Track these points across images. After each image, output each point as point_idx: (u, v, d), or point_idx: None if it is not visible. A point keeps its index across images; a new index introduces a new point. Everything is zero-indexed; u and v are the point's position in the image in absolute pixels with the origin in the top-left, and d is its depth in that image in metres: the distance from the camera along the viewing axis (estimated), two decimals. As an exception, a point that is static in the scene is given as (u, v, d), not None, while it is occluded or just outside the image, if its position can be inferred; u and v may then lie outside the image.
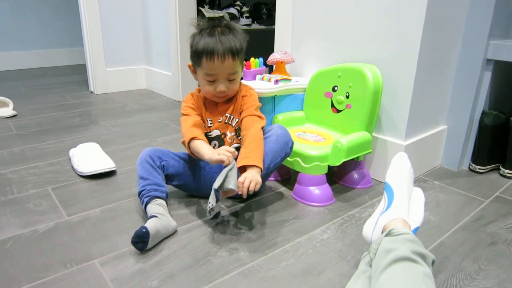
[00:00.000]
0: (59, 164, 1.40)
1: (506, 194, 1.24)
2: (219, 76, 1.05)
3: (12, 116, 1.96)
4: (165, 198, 1.05)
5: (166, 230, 0.96)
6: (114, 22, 2.47)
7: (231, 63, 1.03)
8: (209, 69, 1.04)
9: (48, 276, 0.82)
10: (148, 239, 0.89)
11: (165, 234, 0.96)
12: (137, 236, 0.89)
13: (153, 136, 1.73)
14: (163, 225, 0.95)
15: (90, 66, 2.46)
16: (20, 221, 1.03)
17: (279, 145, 1.07)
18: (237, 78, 1.08)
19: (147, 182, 1.05)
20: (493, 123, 1.34)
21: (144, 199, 1.03)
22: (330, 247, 0.95)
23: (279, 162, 1.09)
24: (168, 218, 0.99)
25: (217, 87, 1.06)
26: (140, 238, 0.89)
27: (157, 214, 0.97)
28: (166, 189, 1.07)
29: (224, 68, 1.03)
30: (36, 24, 3.35)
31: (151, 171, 1.07)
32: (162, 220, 0.96)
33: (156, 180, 1.06)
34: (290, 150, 1.11)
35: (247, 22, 2.66)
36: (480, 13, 1.26)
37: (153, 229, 0.91)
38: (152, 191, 1.03)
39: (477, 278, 0.85)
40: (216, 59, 1.01)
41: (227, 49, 1.01)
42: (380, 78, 1.18)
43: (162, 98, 2.46)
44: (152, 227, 0.91)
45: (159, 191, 1.04)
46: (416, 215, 0.84)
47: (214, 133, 1.14)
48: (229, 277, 0.84)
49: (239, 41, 1.04)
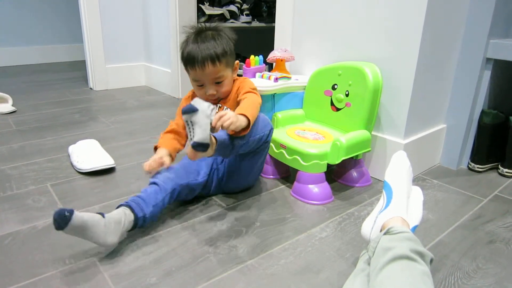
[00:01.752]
0: (58, 160, 1.40)
1: (505, 193, 1.25)
2: (205, 81, 1.09)
3: (12, 112, 1.96)
4: (137, 217, 0.92)
5: (93, 235, 0.83)
6: (114, 19, 2.46)
7: (211, 69, 1.06)
8: (194, 76, 1.10)
9: (47, 272, 0.83)
10: (64, 226, 0.79)
11: (89, 237, 0.83)
12: (58, 214, 0.78)
13: (152, 133, 1.72)
14: (94, 227, 0.83)
15: (90, 63, 2.46)
16: (19, 217, 1.03)
17: (259, 124, 1.04)
18: (224, 81, 1.10)
19: (137, 196, 0.97)
20: (492, 122, 1.34)
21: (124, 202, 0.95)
22: (329, 245, 0.95)
23: (256, 140, 1.04)
24: (110, 230, 0.85)
25: (206, 91, 1.11)
26: (60, 219, 0.78)
27: (105, 215, 0.87)
28: (146, 212, 0.94)
29: (206, 75, 1.07)
30: (36, 20, 3.34)
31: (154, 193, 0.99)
32: (100, 225, 0.84)
33: (148, 199, 0.96)
34: (269, 133, 1.07)
35: (247, 19, 2.65)
36: (480, 12, 1.26)
37: (79, 221, 0.80)
38: (132, 201, 0.95)
39: (475, 277, 0.85)
40: (197, 67, 1.06)
41: (206, 56, 1.04)
42: (380, 76, 1.18)
43: (162, 95, 2.46)
44: (80, 219, 0.80)
45: (137, 204, 0.94)
46: (415, 214, 0.84)
47: None
48: (228, 274, 0.84)
49: (221, 45, 1.06)
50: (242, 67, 1.42)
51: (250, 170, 1.15)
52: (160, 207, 0.98)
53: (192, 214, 1.07)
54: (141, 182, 1.24)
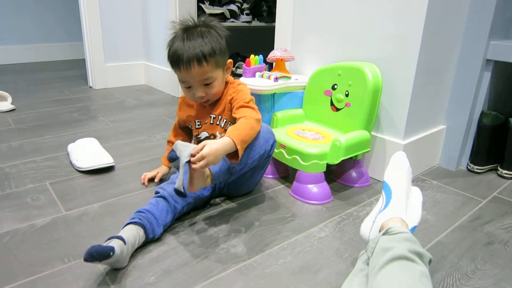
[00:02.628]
0: (57, 159, 1.40)
1: (504, 194, 1.25)
2: (192, 82, 1.02)
3: (11, 110, 1.96)
4: (147, 238, 0.90)
5: (114, 262, 0.80)
6: (114, 17, 2.46)
7: (198, 70, 0.98)
8: (180, 77, 1.03)
9: (45, 270, 0.82)
10: (103, 260, 0.75)
11: (109, 264, 0.80)
12: (100, 253, 0.74)
13: (151, 132, 1.72)
14: (121, 256, 0.80)
15: (89, 61, 2.45)
16: (17, 215, 1.03)
17: (258, 142, 1.02)
18: (214, 82, 1.03)
19: (150, 211, 0.94)
20: (492, 124, 1.34)
21: (136, 215, 0.92)
22: (328, 245, 0.95)
23: (257, 159, 1.03)
24: (127, 254, 0.84)
25: (194, 93, 1.04)
26: (100, 256, 0.74)
27: (126, 242, 0.82)
28: (157, 233, 0.92)
29: (192, 76, 0.99)
30: (36, 18, 3.34)
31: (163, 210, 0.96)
32: (123, 253, 0.81)
33: (160, 218, 0.94)
34: (271, 148, 1.06)
35: (247, 19, 2.65)
36: (480, 13, 1.26)
37: (117, 257, 0.77)
38: (146, 219, 0.91)
39: (473, 278, 0.85)
40: (182, 68, 0.98)
41: (191, 56, 0.96)
42: (380, 77, 1.18)
43: (161, 94, 2.46)
44: (117, 257, 0.77)
45: (150, 224, 0.91)
46: (414, 214, 0.84)
47: (203, 135, 1.14)
48: (226, 273, 0.84)
49: (209, 44, 0.98)
50: (242, 67, 1.42)
51: (253, 180, 1.15)
52: (167, 226, 0.97)
53: (191, 213, 1.07)
54: (140, 181, 1.23)
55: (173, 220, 0.99)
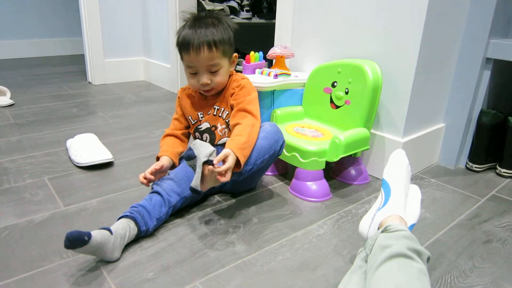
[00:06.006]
0: (56, 154, 1.40)
1: (502, 193, 1.25)
2: (199, 68, 1.04)
3: (10, 105, 1.95)
4: (140, 230, 0.91)
5: (101, 253, 0.81)
6: (113, 13, 2.45)
7: (207, 55, 1.01)
8: (188, 62, 1.05)
9: (43, 266, 0.82)
10: (78, 247, 0.76)
11: (97, 254, 0.82)
12: (75, 237, 0.75)
13: (151, 128, 1.72)
14: (104, 246, 0.81)
15: (89, 57, 2.45)
16: (16, 210, 1.03)
17: (268, 142, 1.04)
18: (220, 70, 1.05)
19: (142, 205, 0.95)
20: (491, 122, 1.34)
21: (128, 210, 0.93)
22: (326, 242, 0.95)
23: (267, 159, 1.05)
24: (116, 246, 0.84)
25: (199, 79, 1.05)
26: (77, 241, 0.76)
27: (113, 232, 0.84)
28: (150, 225, 0.93)
29: (200, 60, 1.02)
30: (35, 14, 3.33)
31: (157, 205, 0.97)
32: (109, 242, 0.82)
33: (153, 211, 0.95)
34: (280, 148, 1.07)
35: (247, 15, 2.64)
36: (481, 12, 1.26)
37: (94, 245, 0.79)
38: (138, 212, 0.92)
39: (471, 276, 0.85)
40: (191, 51, 1.01)
41: (202, 41, 1.00)
42: (379, 74, 1.18)
43: (161, 90, 2.45)
44: (96, 243, 0.79)
45: (142, 217, 0.92)
46: (413, 212, 0.84)
47: (204, 125, 1.14)
48: (225, 270, 0.84)
49: (220, 33, 1.02)
50: (242, 63, 1.41)
51: (255, 178, 1.16)
52: (163, 220, 0.97)
53: (189, 209, 1.07)
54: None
55: (167, 213, 0.98)
